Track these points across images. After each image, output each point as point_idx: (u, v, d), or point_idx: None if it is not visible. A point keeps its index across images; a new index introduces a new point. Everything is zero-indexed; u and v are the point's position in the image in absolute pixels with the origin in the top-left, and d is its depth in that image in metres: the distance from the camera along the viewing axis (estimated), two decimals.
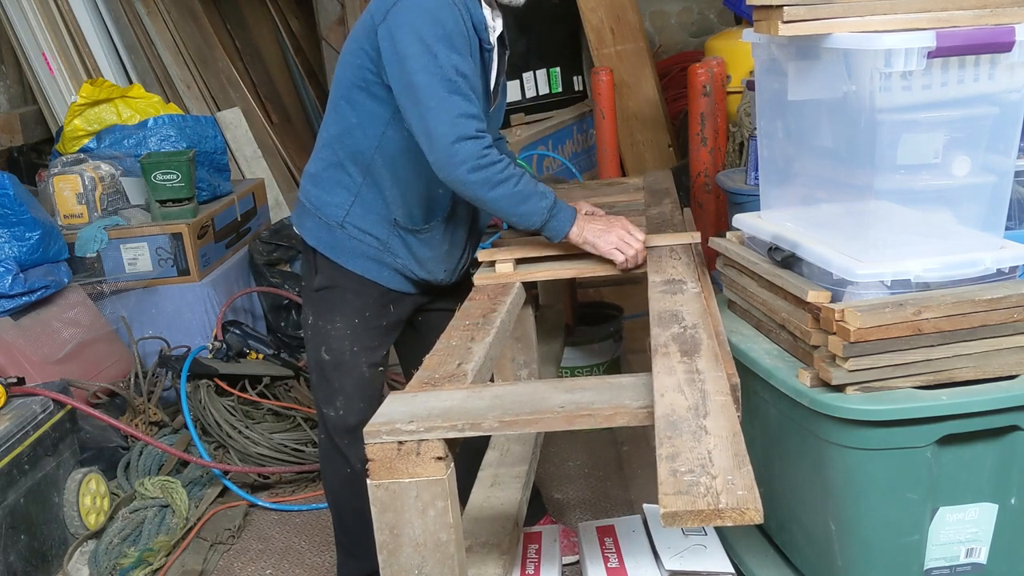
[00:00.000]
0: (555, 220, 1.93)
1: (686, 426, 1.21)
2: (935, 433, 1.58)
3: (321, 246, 2.05)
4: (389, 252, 2.04)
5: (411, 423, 1.26)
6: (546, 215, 1.91)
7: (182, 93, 4.56)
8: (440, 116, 1.80)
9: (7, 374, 2.79)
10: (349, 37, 2.01)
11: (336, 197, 2.03)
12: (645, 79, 5.35)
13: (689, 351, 1.44)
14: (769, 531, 2.01)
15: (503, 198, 1.86)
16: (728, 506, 1.04)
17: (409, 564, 1.30)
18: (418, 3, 1.83)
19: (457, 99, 1.81)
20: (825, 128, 1.87)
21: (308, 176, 2.10)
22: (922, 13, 1.62)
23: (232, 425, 3.06)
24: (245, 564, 2.64)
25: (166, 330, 3.43)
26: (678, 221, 2.23)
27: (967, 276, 1.69)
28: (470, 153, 1.80)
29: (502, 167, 1.85)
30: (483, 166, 1.82)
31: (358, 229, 2.02)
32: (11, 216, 3.10)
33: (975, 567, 1.69)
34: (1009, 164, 1.73)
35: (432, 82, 1.80)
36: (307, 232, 2.08)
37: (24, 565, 2.48)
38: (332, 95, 2.04)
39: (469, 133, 1.81)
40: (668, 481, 1.09)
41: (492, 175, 1.83)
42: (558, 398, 1.34)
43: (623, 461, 3.04)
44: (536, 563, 1.84)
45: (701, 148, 4.59)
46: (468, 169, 1.81)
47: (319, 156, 2.07)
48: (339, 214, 2.02)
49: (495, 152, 1.84)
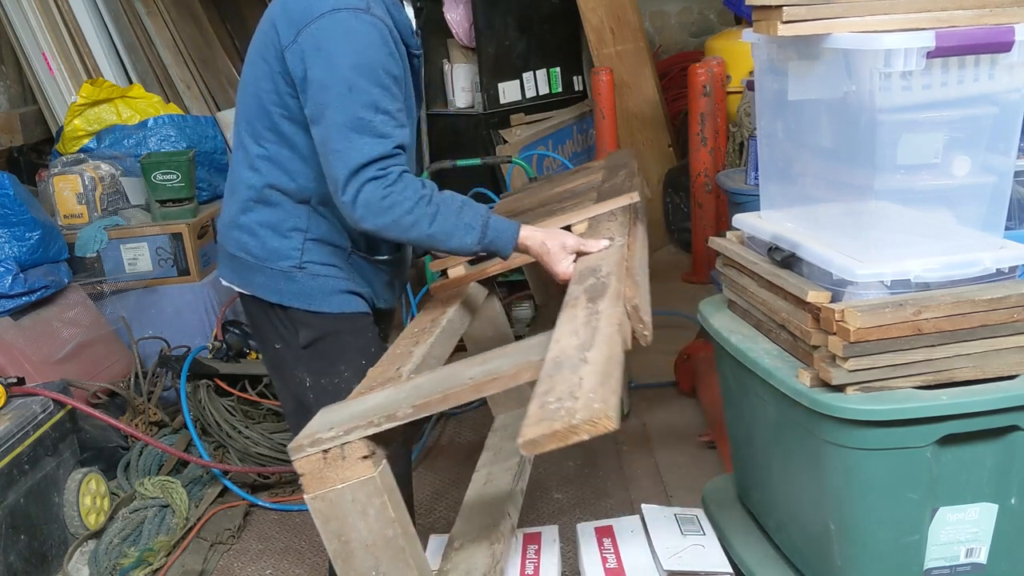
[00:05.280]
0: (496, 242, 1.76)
1: (569, 363, 1.19)
2: (935, 433, 1.58)
3: (287, 299, 1.84)
4: (352, 280, 1.88)
5: (331, 430, 1.26)
6: (482, 243, 1.74)
7: (182, 93, 4.56)
8: (340, 160, 1.64)
9: (7, 374, 2.79)
10: (250, 56, 1.79)
11: (285, 241, 1.82)
12: (645, 79, 5.35)
13: (595, 297, 1.44)
14: (769, 531, 2.01)
15: (424, 239, 1.70)
16: (582, 420, 1.02)
17: (364, 567, 1.29)
18: (335, 27, 1.64)
19: (365, 140, 1.64)
20: (825, 128, 1.87)
21: (236, 228, 1.86)
22: (922, 13, 1.62)
23: (232, 425, 3.06)
24: (245, 564, 2.64)
25: (166, 330, 3.43)
26: (627, 187, 2.22)
27: (967, 276, 1.69)
28: (371, 198, 1.64)
29: (410, 206, 1.66)
30: (387, 208, 1.64)
31: (319, 264, 1.83)
32: (11, 216, 3.10)
33: (975, 567, 1.69)
34: (1009, 164, 1.73)
35: (340, 120, 1.63)
36: (261, 288, 1.85)
37: (24, 565, 2.48)
38: (243, 124, 1.82)
39: (368, 175, 1.64)
40: (534, 413, 1.08)
41: (402, 218, 1.65)
42: (470, 372, 1.34)
43: (623, 461, 3.04)
44: (536, 563, 1.84)
45: (701, 148, 4.60)
46: (372, 215, 1.65)
47: (241, 200, 1.85)
48: (294, 256, 1.82)
49: (399, 186, 1.65)
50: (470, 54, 4.83)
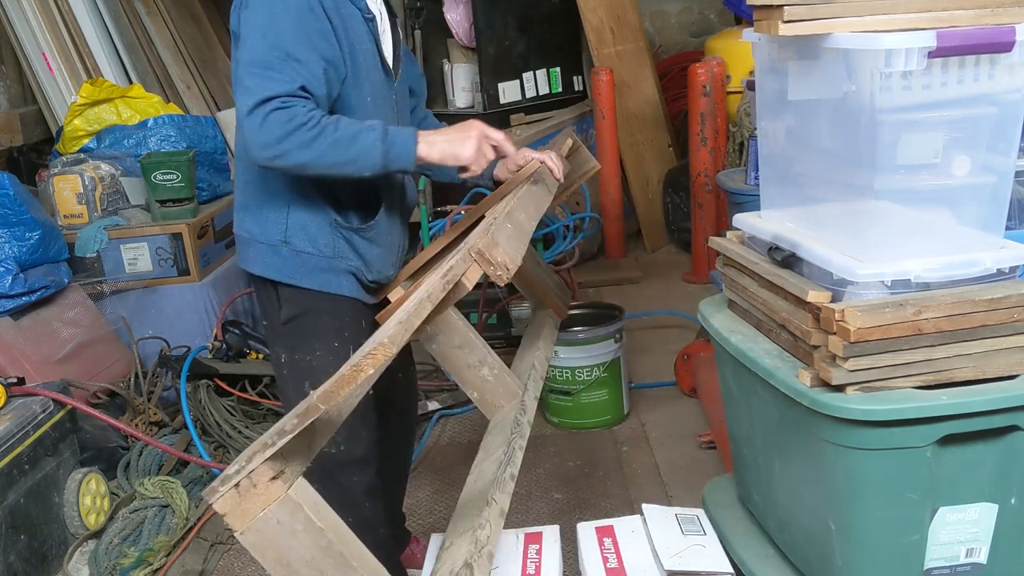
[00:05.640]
0: (396, 147, 1.79)
1: None
2: (935, 433, 1.58)
3: (272, 272, 1.93)
4: (339, 257, 1.93)
5: (235, 465, 1.27)
6: (383, 145, 1.77)
7: (182, 93, 4.56)
8: (247, 94, 1.71)
9: (7, 374, 2.80)
10: None
11: (270, 214, 1.91)
12: (645, 79, 5.35)
13: None
14: (769, 531, 2.01)
15: (327, 152, 1.73)
16: None
17: None
18: None
19: (272, 76, 1.71)
20: (825, 128, 1.87)
21: (237, 208, 1.98)
22: (922, 13, 1.62)
23: (232, 425, 3.06)
24: (245, 564, 2.64)
25: (166, 330, 3.43)
26: None
27: (967, 276, 1.69)
28: (275, 123, 1.69)
29: (312, 123, 1.71)
30: (291, 131, 1.70)
31: (303, 240, 1.91)
32: (11, 216, 3.10)
33: (975, 567, 1.69)
34: (1009, 164, 1.72)
35: (251, 59, 1.72)
36: (253, 263, 1.95)
37: (24, 565, 2.48)
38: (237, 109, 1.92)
39: (273, 105, 1.69)
40: None
41: (304, 134, 1.71)
42: None
43: (623, 461, 3.04)
44: (537, 563, 1.83)
45: (701, 148, 4.60)
46: (275, 139, 1.69)
47: (240, 183, 1.96)
48: (278, 230, 1.90)
49: (303, 111, 1.71)
50: (470, 54, 4.83)
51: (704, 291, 4.18)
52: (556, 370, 3.19)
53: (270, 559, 1.29)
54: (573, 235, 4.04)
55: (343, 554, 1.31)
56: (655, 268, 4.97)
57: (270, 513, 1.27)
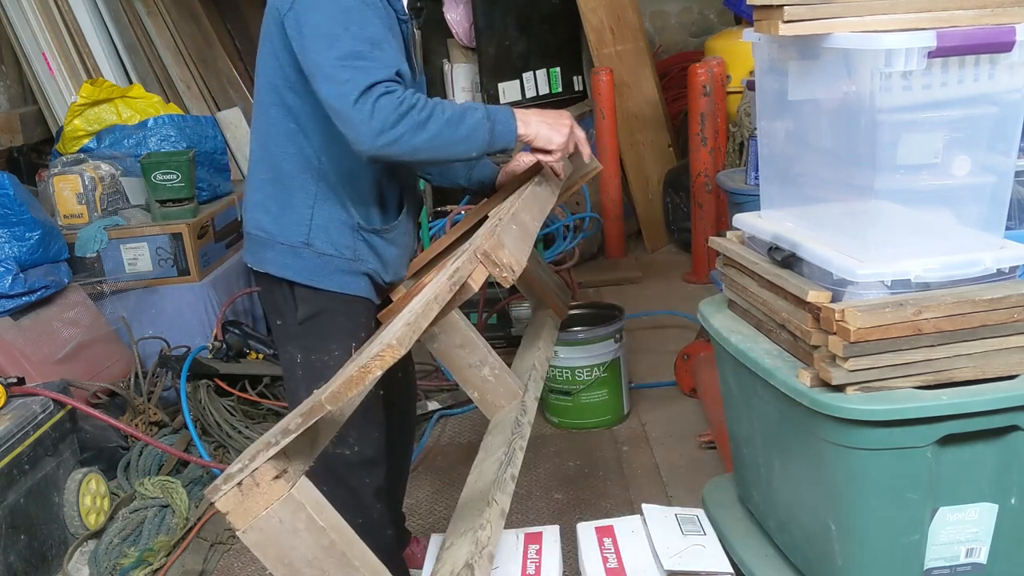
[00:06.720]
0: (499, 124, 1.78)
1: None
2: (935, 433, 1.58)
3: (292, 273, 1.91)
4: (359, 260, 1.93)
5: (238, 463, 1.27)
6: (488, 122, 1.76)
7: (182, 93, 4.56)
8: (347, 87, 1.67)
9: (7, 374, 2.80)
10: (260, 41, 1.88)
11: (293, 215, 1.89)
12: (645, 79, 5.35)
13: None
14: (769, 531, 2.01)
15: (440, 132, 1.71)
16: None
17: None
18: None
19: (368, 64, 1.68)
20: (825, 128, 1.87)
21: (253, 207, 1.96)
22: (922, 13, 1.62)
23: (232, 425, 3.06)
24: (245, 564, 2.64)
25: (166, 330, 3.43)
26: None
27: (967, 276, 1.68)
28: (386, 108, 1.67)
29: (422, 105, 1.70)
30: (404, 113, 1.67)
31: (325, 242, 1.90)
32: (11, 216, 3.10)
33: (975, 567, 1.69)
34: (1009, 164, 1.72)
35: (340, 55, 1.68)
36: (271, 264, 1.93)
37: (24, 565, 2.48)
38: (256, 108, 1.91)
39: (379, 91, 1.67)
40: None
41: (417, 115, 1.69)
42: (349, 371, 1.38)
43: (623, 461, 3.04)
44: (537, 563, 1.83)
45: (701, 148, 4.60)
46: (390, 124, 1.67)
47: (258, 181, 1.94)
48: (301, 232, 1.89)
49: (409, 94, 1.69)
50: (470, 54, 4.83)
51: (704, 291, 4.18)
52: (556, 370, 3.19)
53: (271, 558, 1.29)
54: (573, 235, 4.04)
55: (345, 554, 1.31)
56: (655, 268, 4.98)
57: (272, 512, 1.27)
